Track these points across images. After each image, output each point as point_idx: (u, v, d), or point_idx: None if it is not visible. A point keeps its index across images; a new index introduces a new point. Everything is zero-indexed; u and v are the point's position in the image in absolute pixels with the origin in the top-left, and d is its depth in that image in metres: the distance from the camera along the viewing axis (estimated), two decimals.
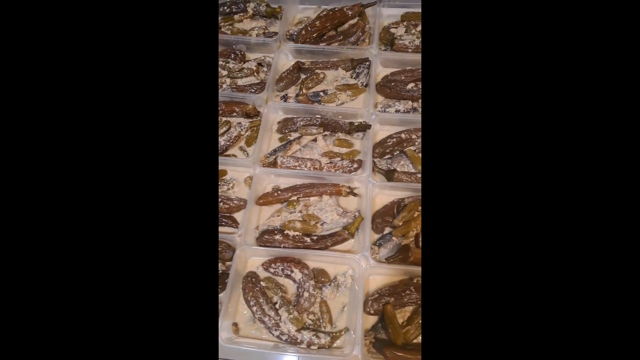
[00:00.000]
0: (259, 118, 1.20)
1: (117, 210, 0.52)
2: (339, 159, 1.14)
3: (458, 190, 0.53)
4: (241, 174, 1.15)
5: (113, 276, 0.50)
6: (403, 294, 0.90)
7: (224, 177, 1.12)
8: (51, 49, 0.53)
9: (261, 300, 0.90)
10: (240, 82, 1.28)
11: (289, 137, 1.20)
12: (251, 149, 1.18)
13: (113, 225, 0.51)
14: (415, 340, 0.87)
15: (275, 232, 1.01)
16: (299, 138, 1.19)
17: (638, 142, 0.49)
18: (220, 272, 0.97)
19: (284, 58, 1.36)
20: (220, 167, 1.13)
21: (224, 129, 1.18)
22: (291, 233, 1.00)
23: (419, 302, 0.90)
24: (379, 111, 1.21)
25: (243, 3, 1.40)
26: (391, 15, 1.44)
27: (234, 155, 1.17)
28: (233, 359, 0.87)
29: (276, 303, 0.92)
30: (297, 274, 0.94)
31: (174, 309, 0.51)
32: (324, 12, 1.36)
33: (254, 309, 0.90)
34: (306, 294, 0.91)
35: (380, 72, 1.32)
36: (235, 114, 1.21)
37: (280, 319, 0.88)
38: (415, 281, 0.94)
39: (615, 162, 0.50)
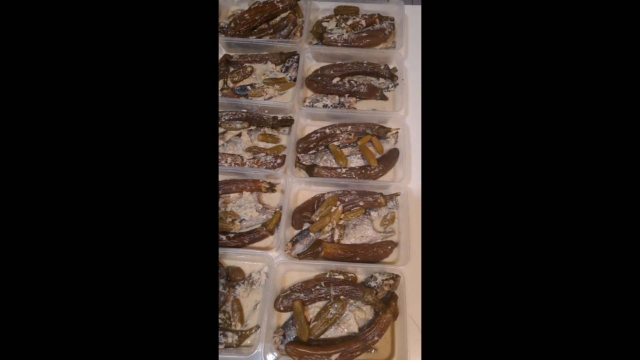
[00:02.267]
0: None
1: (116, 211, 0.51)
2: (263, 154, 1.12)
3: (457, 190, 0.53)
4: None
5: (111, 279, 0.50)
6: (313, 290, 0.90)
7: None
8: (52, 51, 0.52)
9: None
10: None
11: None
12: None
13: (110, 227, 0.51)
14: (322, 336, 0.88)
15: None
16: (223, 133, 1.16)
17: (638, 142, 0.50)
18: None
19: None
20: None
21: None
22: None
23: (328, 296, 0.90)
24: (307, 106, 1.20)
25: None
26: (326, 9, 1.42)
27: None
28: None
29: None
30: None
31: (173, 314, 0.50)
32: (254, 5, 1.34)
33: None
34: None
35: (311, 66, 1.31)
36: None
37: None
38: (327, 276, 0.95)
39: (615, 161, 0.50)
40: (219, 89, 1.23)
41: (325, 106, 1.21)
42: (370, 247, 0.97)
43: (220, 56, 1.31)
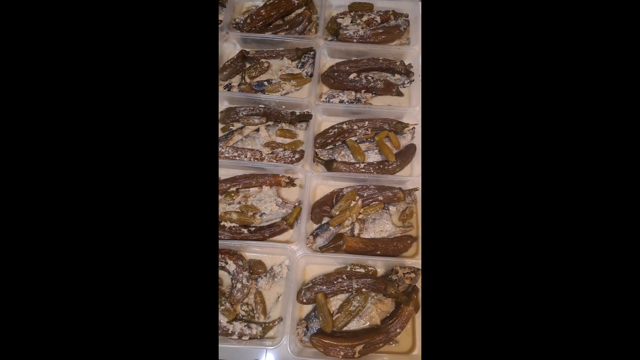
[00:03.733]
0: None
1: (115, 212, 0.51)
2: (281, 149, 1.13)
3: (457, 190, 0.54)
4: None
5: (111, 281, 0.50)
6: (335, 282, 0.91)
7: None
8: (52, 51, 0.52)
9: None
10: None
11: (231, 127, 1.18)
12: None
13: (110, 227, 0.51)
14: (345, 328, 0.89)
15: None
16: (241, 128, 1.17)
17: (638, 142, 0.50)
18: None
19: (231, 47, 1.34)
20: None
21: None
22: (227, 224, 0.99)
23: (350, 289, 0.92)
24: (323, 101, 1.21)
25: None
26: (340, 6, 1.43)
27: None
28: None
29: None
30: (231, 265, 0.93)
31: (173, 312, 0.50)
32: (270, 1, 1.34)
33: None
34: (239, 285, 0.91)
35: (327, 62, 1.31)
36: None
37: None
38: (348, 269, 0.96)
39: (614, 162, 0.50)
40: (237, 84, 1.24)
41: (341, 102, 1.22)
42: (391, 242, 0.98)
43: (236, 52, 1.31)
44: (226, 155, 1.09)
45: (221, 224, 1.00)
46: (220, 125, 1.19)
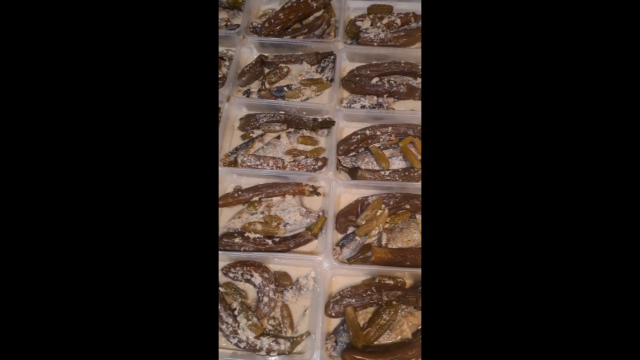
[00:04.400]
0: (219, 115, 1.16)
1: (115, 214, 0.50)
2: (303, 157, 1.11)
3: (458, 192, 0.53)
4: None
5: (111, 284, 0.49)
6: (364, 295, 0.89)
7: None
8: (50, 49, 0.51)
9: (219, 307, 0.87)
10: None
11: (251, 135, 1.16)
12: None
13: (110, 230, 0.50)
14: (375, 342, 0.86)
15: (235, 234, 0.97)
16: (261, 135, 1.15)
17: (638, 142, 0.49)
18: None
19: (248, 52, 1.31)
20: None
21: None
22: (252, 235, 0.97)
23: (380, 302, 0.89)
24: (344, 107, 1.18)
25: None
26: (358, 8, 1.40)
27: None
28: None
29: (235, 309, 0.89)
30: (257, 278, 0.91)
31: (173, 318, 0.50)
32: (288, 4, 1.32)
33: None
34: (266, 299, 0.89)
35: (346, 66, 1.29)
36: None
37: (238, 325, 0.85)
38: (377, 281, 0.93)
39: (615, 162, 0.50)
40: (257, 90, 1.21)
41: (362, 107, 1.19)
42: (420, 251, 0.95)
43: (254, 57, 1.29)
44: (248, 164, 1.07)
45: (245, 234, 0.97)
46: (240, 133, 1.17)
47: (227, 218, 1.04)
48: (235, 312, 0.88)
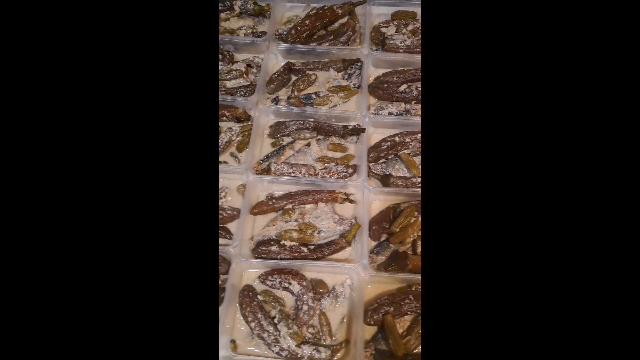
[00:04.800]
0: (250, 122, 1.16)
1: (114, 217, 0.51)
2: (333, 164, 1.12)
3: (458, 194, 0.53)
4: (233, 181, 1.11)
5: (110, 288, 0.49)
6: (402, 303, 0.89)
7: None
8: (49, 49, 0.52)
9: (259, 315, 0.88)
10: (228, 84, 1.24)
11: (281, 142, 1.16)
12: (242, 154, 1.14)
13: (110, 234, 0.50)
14: (415, 350, 0.87)
15: (271, 242, 0.98)
16: (292, 143, 1.16)
17: (638, 142, 0.49)
18: None
19: (273, 59, 1.32)
20: None
21: None
22: (287, 243, 0.98)
23: (418, 310, 0.90)
24: (372, 114, 1.19)
25: (230, 1, 1.35)
26: (381, 14, 1.41)
27: (225, 162, 1.13)
28: None
29: (274, 317, 0.90)
30: (296, 286, 0.92)
31: (173, 323, 0.50)
32: (314, 11, 1.32)
33: (252, 324, 0.87)
34: (305, 307, 0.89)
35: (371, 72, 1.29)
36: (225, 118, 1.17)
37: (279, 334, 0.86)
38: (414, 289, 0.94)
39: (615, 162, 0.50)
40: (286, 97, 1.22)
41: (390, 113, 1.19)
42: None
43: (279, 64, 1.30)
44: (281, 172, 1.07)
45: (281, 242, 0.98)
46: (270, 140, 1.18)
47: (261, 225, 1.04)
48: (275, 321, 0.89)
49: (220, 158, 1.14)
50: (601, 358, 0.46)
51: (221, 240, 1.01)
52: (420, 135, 1.14)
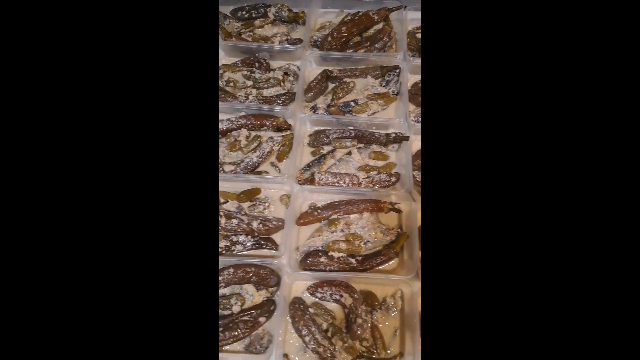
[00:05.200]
0: (290, 131, 1.15)
1: (114, 219, 0.50)
2: (375, 172, 1.10)
3: (459, 196, 0.52)
4: (275, 191, 1.10)
5: (111, 286, 0.49)
6: None
7: (258, 196, 1.07)
8: (50, 49, 0.51)
9: (313, 329, 0.86)
10: (266, 92, 1.23)
11: (321, 151, 1.15)
12: (283, 164, 1.13)
13: (110, 236, 0.50)
14: None
15: (320, 254, 0.96)
16: (332, 151, 1.14)
17: (638, 142, 0.49)
18: (264, 299, 0.93)
19: (308, 66, 1.31)
20: (254, 185, 1.08)
21: (255, 144, 1.13)
22: (336, 254, 0.96)
23: None
24: (413, 121, 1.17)
25: (263, 8, 1.34)
26: (414, 19, 1.39)
27: (266, 172, 1.12)
28: None
29: (327, 330, 0.88)
30: (348, 299, 0.90)
31: (172, 324, 0.50)
32: (349, 17, 1.31)
33: (307, 338, 0.86)
34: (359, 320, 0.88)
35: (409, 79, 1.28)
36: (265, 127, 1.15)
37: (334, 348, 0.85)
38: None
39: (615, 162, 0.49)
40: (326, 105, 1.21)
41: None
42: None
43: (315, 71, 1.29)
44: (325, 182, 1.06)
45: (329, 254, 0.96)
46: (310, 149, 1.16)
47: (306, 236, 1.03)
48: (329, 334, 0.87)
49: (261, 168, 1.13)
50: (601, 358, 0.46)
51: (268, 252, 1.00)
52: None
